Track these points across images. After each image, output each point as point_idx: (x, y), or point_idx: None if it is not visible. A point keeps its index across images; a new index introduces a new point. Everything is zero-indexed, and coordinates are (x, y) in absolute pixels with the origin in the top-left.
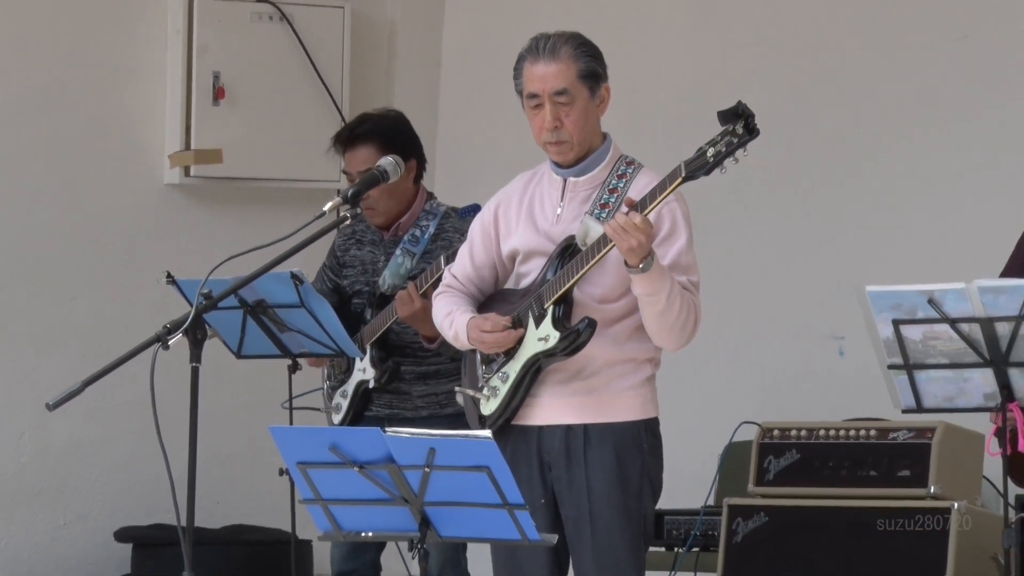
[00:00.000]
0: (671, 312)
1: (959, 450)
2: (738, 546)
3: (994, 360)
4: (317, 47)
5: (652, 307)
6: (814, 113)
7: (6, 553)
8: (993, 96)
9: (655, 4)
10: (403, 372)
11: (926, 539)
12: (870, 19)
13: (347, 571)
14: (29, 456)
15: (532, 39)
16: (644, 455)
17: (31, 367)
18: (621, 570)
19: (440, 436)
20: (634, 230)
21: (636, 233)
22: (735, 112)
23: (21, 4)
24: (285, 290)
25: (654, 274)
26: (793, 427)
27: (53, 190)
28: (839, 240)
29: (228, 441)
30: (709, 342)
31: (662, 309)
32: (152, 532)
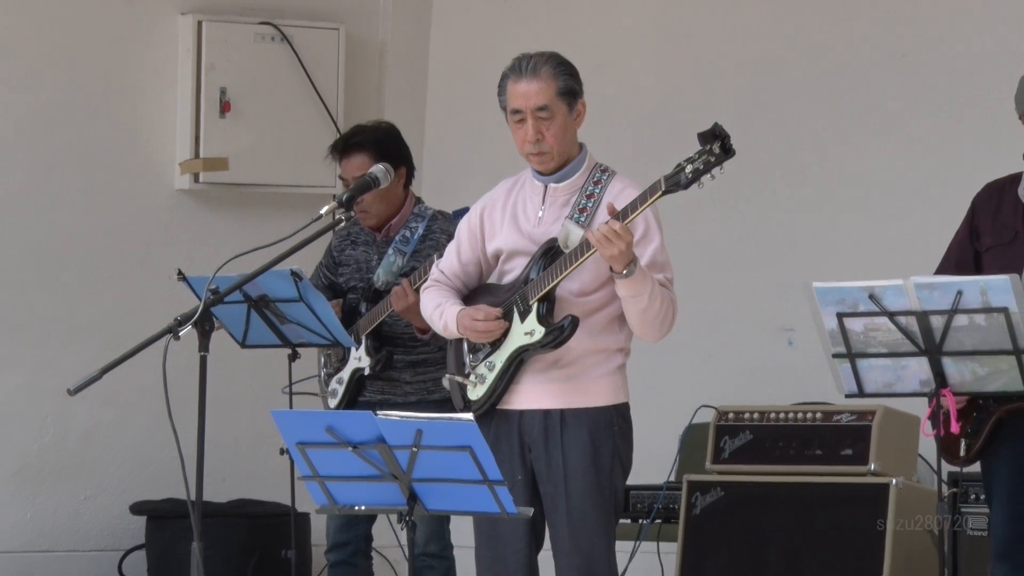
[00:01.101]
0: (652, 309)
1: (897, 431)
2: (696, 518)
3: (929, 350)
4: (314, 65)
5: (635, 306)
6: (768, 126)
7: (32, 525)
8: (929, 109)
9: (626, 27)
10: (395, 360)
11: (867, 512)
12: (819, 39)
13: (342, 541)
14: (52, 437)
15: (515, 59)
16: (615, 437)
17: (54, 356)
18: (594, 541)
19: (426, 419)
20: (615, 238)
21: (617, 241)
22: (713, 133)
23: (47, 26)
24: (285, 286)
25: (637, 278)
26: (746, 410)
27: (74, 195)
28: (789, 241)
29: (233, 423)
30: (672, 334)
31: (644, 307)
32: (164, 506)
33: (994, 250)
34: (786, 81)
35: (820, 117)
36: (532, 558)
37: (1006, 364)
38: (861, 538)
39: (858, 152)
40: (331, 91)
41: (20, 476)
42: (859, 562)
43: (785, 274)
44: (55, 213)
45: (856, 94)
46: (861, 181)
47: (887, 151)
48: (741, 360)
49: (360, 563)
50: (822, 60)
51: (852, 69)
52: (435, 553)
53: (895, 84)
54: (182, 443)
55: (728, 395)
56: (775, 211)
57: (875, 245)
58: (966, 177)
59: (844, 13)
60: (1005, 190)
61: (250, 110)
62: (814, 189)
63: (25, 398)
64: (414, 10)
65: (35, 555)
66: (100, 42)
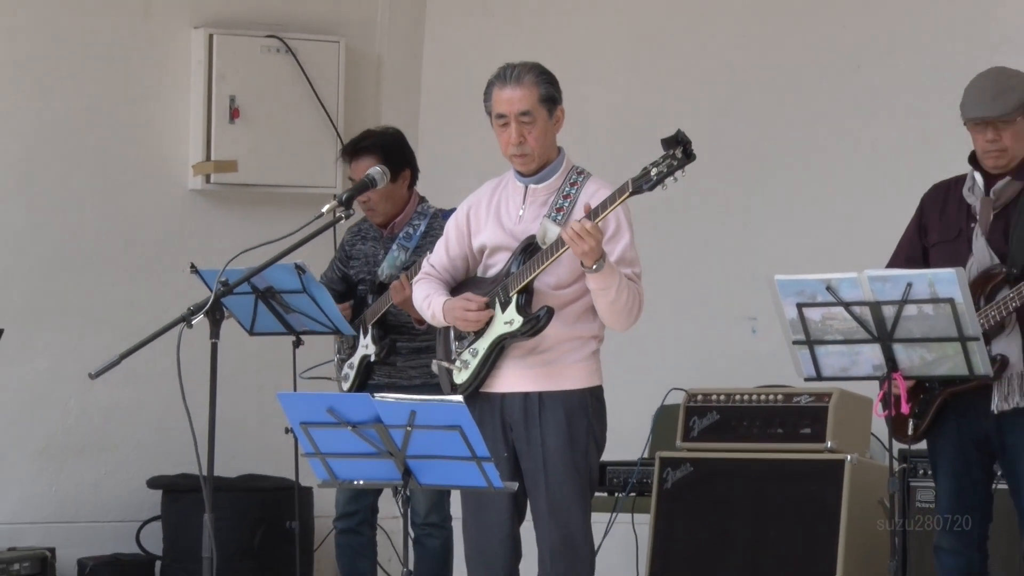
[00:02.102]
0: (620, 301)
1: (851, 412)
2: (668, 491)
3: (881, 337)
4: (317, 75)
5: (604, 298)
6: (733, 131)
7: (57, 498)
8: (880, 116)
9: (602, 40)
10: (399, 348)
11: (824, 485)
12: (780, 52)
13: (350, 512)
14: (75, 417)
15: (500, 68)
16: (590, 418)
17: (76, 343)
18: (571, 513)
19: (419, 400)
20: (586, 235)
21: (588, 238)
22: (676, 139)
23: (72, 40)
24: (290, 278)
25: (605, 272)
26: (714, 392)
27: (95, 194)
28: (753, 237)
29: (242, 404)
30: (644, 322)
31: (612, 299)
32: (178, 480)
33: (941, 246)
34: (750, 90)
35: (781, 122)
36: (515, 529)
37: (952, 350)
38: (819, 510)
39: (816, 154)
40: (332, 99)
41: (46, 453)
42: (817, 532)
43: (749, 267)
44: (78, 211)
45: (814, 101)
46: (819, 181)
47: (842, 154)
48: (709, 346)
49: (365, 532)
50: (783, 71)
51: (810, 79)
52: (435, 523)
53: (850, 92)
54: (195, 423)
55: (697, 378)
56: (740, 209)
57: (832, 241)
58: (915, 178)
59: (804, 28)
60: (951, 190)
61: (257, 116)
62: (776, 189)
63: (50, 381)
64: (408, 25)
65: (60, 525)
66: (120, 54)
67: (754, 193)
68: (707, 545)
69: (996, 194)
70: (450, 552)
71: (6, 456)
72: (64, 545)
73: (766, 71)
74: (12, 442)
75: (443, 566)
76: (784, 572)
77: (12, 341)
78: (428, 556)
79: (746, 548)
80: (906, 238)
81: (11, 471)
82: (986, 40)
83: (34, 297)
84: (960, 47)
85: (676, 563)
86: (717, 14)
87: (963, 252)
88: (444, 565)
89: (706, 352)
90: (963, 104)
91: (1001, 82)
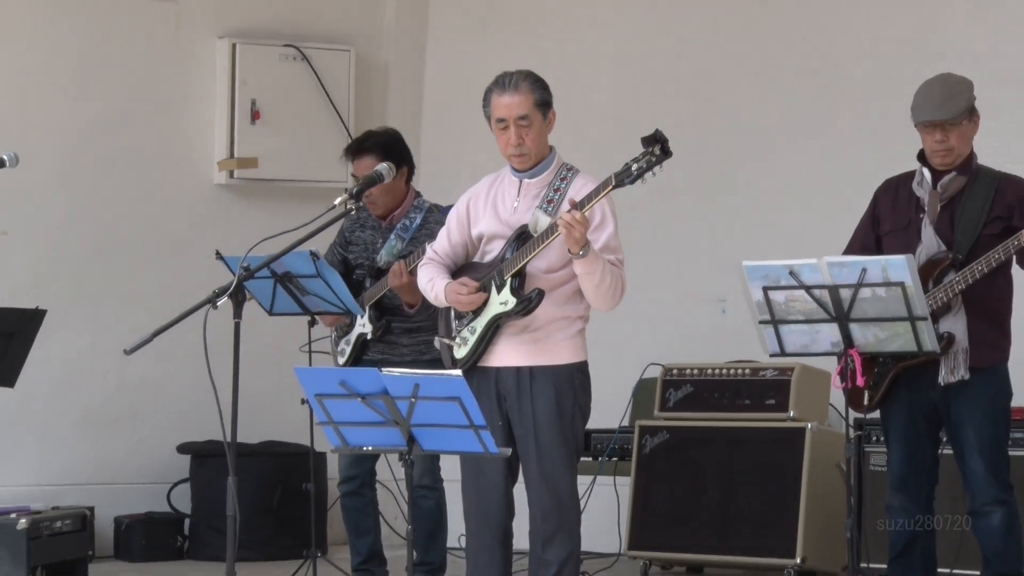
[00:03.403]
0: (604, 284)
1: (812, 384)
2: (646, 456)
3: (838, 317)
4: (329, 81)
5: (590, 281)
6: (705, 130)
7: (96, 463)
8: (837, 117)
9: (589, 50)
10: (393, 327)
11: (787, 451)
12: (748, 60)
13: (352, 475)
14: (112, 390)
15: (497, 76)
16: (576, 390)
17: (113, 322)
18: (559, 476)
19: (423, 375)
20: (576, 225)
21: (577, 226)
22: (654, 138)
23: (108, 49)
24: (305, 264)
25: (590, 258)
26: (688, 367)
27: (130, 188)
28: (723, 226)
29: (262, 377)
30: (625, 303)
31: (597, 282)
32: (205, 446)
33: (892, 234)
34: (721, 93)
35: (749, 122)
36: (509, 490)
37: (902, 329)
38: (782, 472)
39: (780, 151)
40: (343, 103)
41: (85, 421)
42: (780, 492)
43: (719, 254)
44: (115, 204)
45: (778, 103)
46: (782, 176)
47: (803, 151)
48: (683, 325)
49: (366, 493)
50: (751, 76)
51: (775, 83)
52: (428, 485)
53: (810, 96)
54: (219, 394)
55: (672, 354)
56: (711, 202)
57: (794, 229)
58: (868, 173)
59: (769, 38)
60: (902, 184)
61: (276, 118)
62: (744, 183)
63: (89, 357)
64: (413, 35)
65: (98, 487)
66: (152, 62)
67: (724, 187)
68: (681, 504)
69: (943, 188)
70: (443, 510)
71: (50, 424)
72: (102, 504)
73: (733, 79)
74: (55, 412)
75: (437, 523)
76: (751, 528)
77: (55, 321)
78: (423, 515)
79: (716, 507)
80: (860, 228)
81: (54, 438)
82: (931, 49)
83: (75, 281)
84: (909, 55)
85: (654, 521)
86: (690, 28)
87: (913, 240)
88: (438, 523)
89: (681, 330)
90: (914, 108)
91: (948, 88)
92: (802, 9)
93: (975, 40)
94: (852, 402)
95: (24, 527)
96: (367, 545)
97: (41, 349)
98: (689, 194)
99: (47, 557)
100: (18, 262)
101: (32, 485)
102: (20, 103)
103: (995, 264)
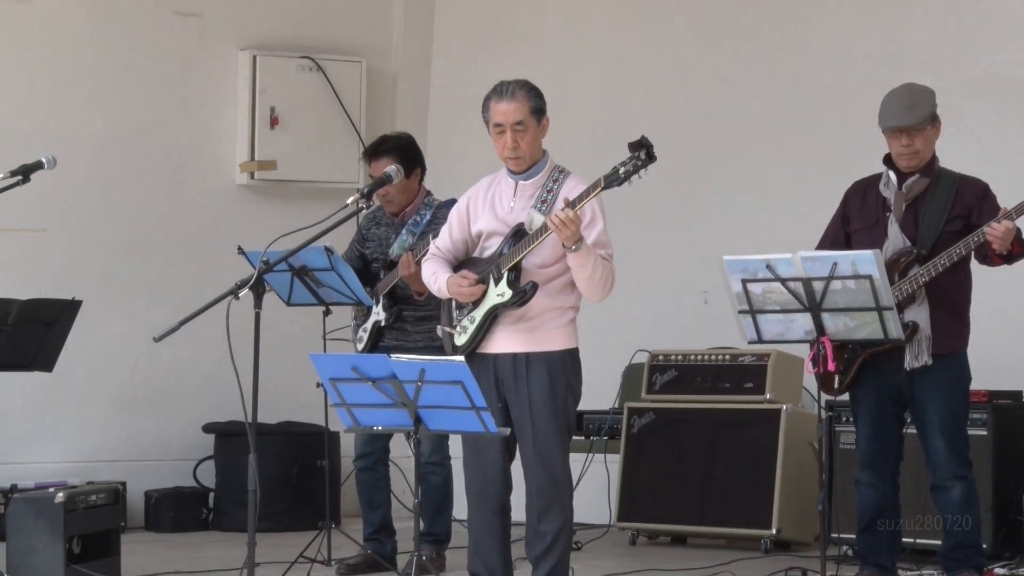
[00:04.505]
0: (595, 276)
1: (787, 369)
2: (634, 435)
3: (811, 307)
4: (342, 89)
5: (582, 273)
6: (689, 135)
7: (128, 441)
8: (810, 122)
9: (580, 61)
10: (405, 315)
11: (764, 430)
12: (728, 69)
13: (367, 452)
14: (142, 374)
15: (496, 85)
16: (568, 374)
17: (144, 312)
18: (552, 453)
19: (428, 360)
20: (569, 223)
21: (570, 224)
22: (640, 143)
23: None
24: (320, 258)
25: (583, 252)
26: (673, 353)
27: (159, 188)
28: (706, 223)
29: (280, 363)
30: (615, 294)
31: (589, 274)
32: (228, 426)
33: (861, 232)
34: (702, 101)
35: (729, 128)
36: (507, 466)
37: (870, 318)
38: (759, 450)
39: (758, 154)
40: (355, 109)
41: (117, 403)
42: (757, 468)
43: (702, 249)
44: (144, 203)
45: (756, 110)
46: (761, 177)
47: (780, 154)
48: (669, 315)
49: (380, 469)
50: (730, 85)
51: (753, 91)
52: (437, 462)
53: (785, 103)
54: (241, 378)
55: (658, 342)
56: (694, 201)
57: (771, 226)
58: (839, 175)
59: (747, 50)
60: (870, 186)
61: (293, 123)
62: (724, 184)
63: (121, 343)
64: (419, 48)
65: (130, 463)
66: (179, 72)
67: (706, 188)
68: (667, 479)
69: (908, 189)
70: (450, 486)
71: (85, 406)
72: (133, 479)
73: (714, 88)
74: (90, 394)
75: (444, 497)
76: (730, 501)
77: (90, 311)
78: (431, 490)
79: (699, 482)
80: (831, 225)
81: (89, 418)
82: (897, 60)
83: (108, 274)
84: (876, 65)
85: (641, 495)
86: (674, 41)
87: (880, 237)
88: (445, 496)
89: (666, 320)
90: (881, 114)
91: (913, 96)
92: (778, 23)
93: (937, 52)
94: (824, 386)
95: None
96: (379, 517)
97: (77, 337)
98: (674, 194)
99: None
100: (56, 257)
101: (69, 462)
102: (58, 110)
103: (956, 259)
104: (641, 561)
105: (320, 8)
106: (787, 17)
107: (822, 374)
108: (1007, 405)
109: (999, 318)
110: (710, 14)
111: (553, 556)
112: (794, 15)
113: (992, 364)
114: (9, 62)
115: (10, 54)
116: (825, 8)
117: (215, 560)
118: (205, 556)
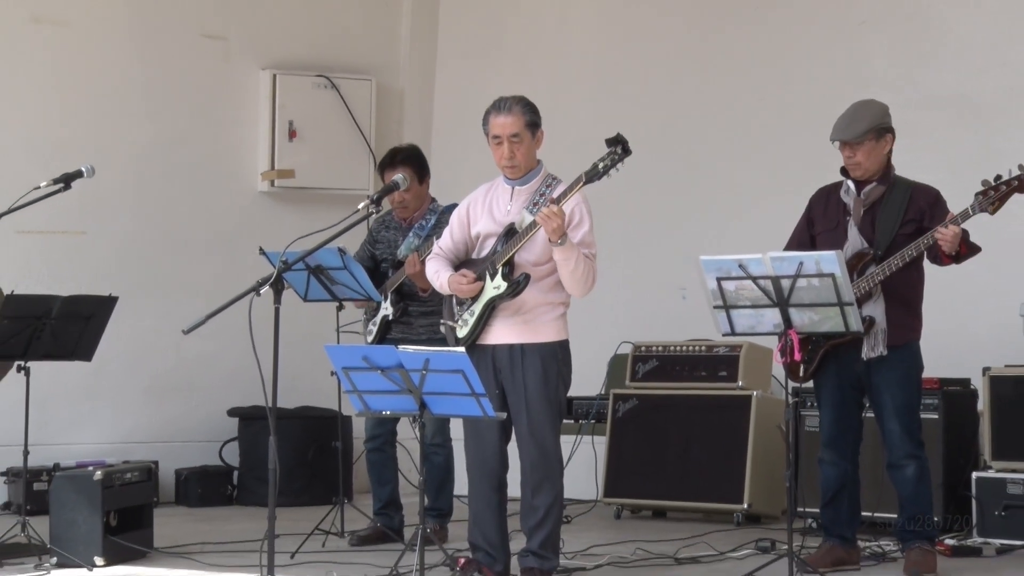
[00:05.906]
0: (578, 272)
1: (757, 359)
2: (619, 419)
3: (779, 303)
4: (354, 104)
5: (566, 268)
6: (670, 143)
7: (159, 424)
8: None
9: (571, 79)
10: (411, 310)
11: (736, 414)
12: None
13: (376, 434)
14: (172, 363)
15: (495, 100)
16: (559, 363)
17: (173, 307)
18: (544, 434)
19: (432, 351)
20: (554, 216)
21: (555, 218)
22: (616, 139)
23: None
24: (334, 258)
25: (567, 247)
26: (654, 344)
27: (188, 194)
28: (685, 224)
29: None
30: (600, 290)
31: (572, 269)
32: (250, 410)
33: (824, 234)
34: (682, 113)
35: (707, 138)
36: (503, 446)
37: (833, 313)
38: (732, 432)
39: (733, 162)
40: (366, 123)
41: (150, 390)
42: (730, 449)
43: (681, 249)
44: (174, 208)
45: (732, 121)
46: (734, 183)
47: (752, 162)
48: (650, 309)
49: (388, 450)
50: (708, 98)
51: (728, 104)
52: (439, 444)
53: (757, 115)
54: (262, 367)
55: (641, 334)
56: (675, 205)
57: (743, 228)
58: (804, 182)
59: (724, 66)
60: (832, 192)
61: (310, 136)
62: (702, 189)
63: (154, 336)
64: (424, 68)
65: (161, 444)
66: (206, 89)
67: (685, 192)
68: (649, 459)
69: (865, 195)
70: (451, 465)
71: (121, 392)
72: (164, 459)
73: (693, 101)
74: (126, 382)
75: (446, 476)
76: (706, 479)
77: (126, 306)
78: (434, 469)
79: (678, 461)
80: (798, 228)
81: (125, 403)
82: (859, 77)
83: (142, 273)
84: (840, 82)
85: (625, 474)
86: (657, 58)
87: (841, 239)
88: (447, 475)
89: (648, 314)
90: (832, 130)
91: (857, 112)
92: (751, 42)
93: (895, 70)
94: (790, 374)
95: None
96: (387, 493)
97: (114, 329)
98: (656, 198)
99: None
100: (94, 257)
101: (106, 443)
102: (97, 123)
103: (909, 259)
104: (625, 533)
105: (334, 31)
106: (760, 39)
107: (789, 364)
108: (956, 392)
109: (949, 313)
110: (690, 35)
111: (545, 528)
112: (767, 38)
113: (943, 354)
114: (52, 79)
115: (53, 72)
116: (794, 32)
117: (239, 532)
118: (230, 528)
